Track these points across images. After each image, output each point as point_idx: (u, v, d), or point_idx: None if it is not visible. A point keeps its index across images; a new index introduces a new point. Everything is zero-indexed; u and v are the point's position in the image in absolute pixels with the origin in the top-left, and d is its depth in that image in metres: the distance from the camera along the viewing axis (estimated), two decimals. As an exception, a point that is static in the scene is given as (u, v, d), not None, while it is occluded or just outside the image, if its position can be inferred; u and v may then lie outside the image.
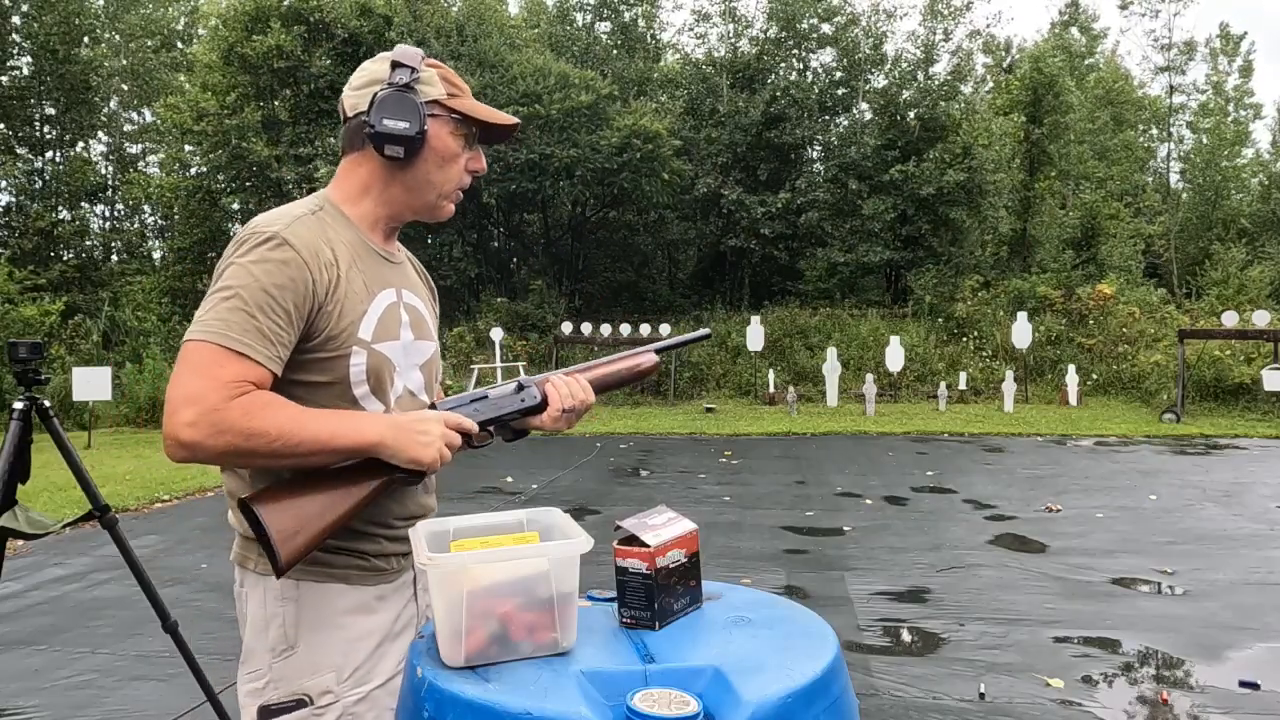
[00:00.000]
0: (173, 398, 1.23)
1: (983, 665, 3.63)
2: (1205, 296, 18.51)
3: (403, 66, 1.45)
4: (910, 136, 19.15)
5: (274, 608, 1.41)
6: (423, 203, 1.50)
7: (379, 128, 1.41)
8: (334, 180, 1.52)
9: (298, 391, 1.36)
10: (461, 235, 19.61)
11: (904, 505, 6.86)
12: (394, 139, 1.41)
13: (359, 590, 1.45)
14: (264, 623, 1.41)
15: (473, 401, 1.57)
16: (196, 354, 1.25)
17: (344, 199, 1.48)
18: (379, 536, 1.48)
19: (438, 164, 1.47)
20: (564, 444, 10.54)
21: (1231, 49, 29.62)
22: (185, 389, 1.23)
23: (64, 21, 18.99)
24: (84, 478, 3.11)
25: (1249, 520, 6.24)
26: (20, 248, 18.31)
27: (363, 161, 1.47)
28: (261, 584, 1.42)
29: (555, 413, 1.62)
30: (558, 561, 1.45)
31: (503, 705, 1.29)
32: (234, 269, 1.30)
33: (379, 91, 1.42)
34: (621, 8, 22.44)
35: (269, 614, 1.41)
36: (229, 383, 1.24)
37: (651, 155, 17.60)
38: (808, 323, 17.40)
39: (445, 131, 1.46)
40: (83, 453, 8.74)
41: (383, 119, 1.41)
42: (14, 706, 3.32)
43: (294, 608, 1.40)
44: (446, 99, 1.47)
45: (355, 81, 1.48)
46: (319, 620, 1.42)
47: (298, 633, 1.41)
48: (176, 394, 1.23)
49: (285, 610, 1.41)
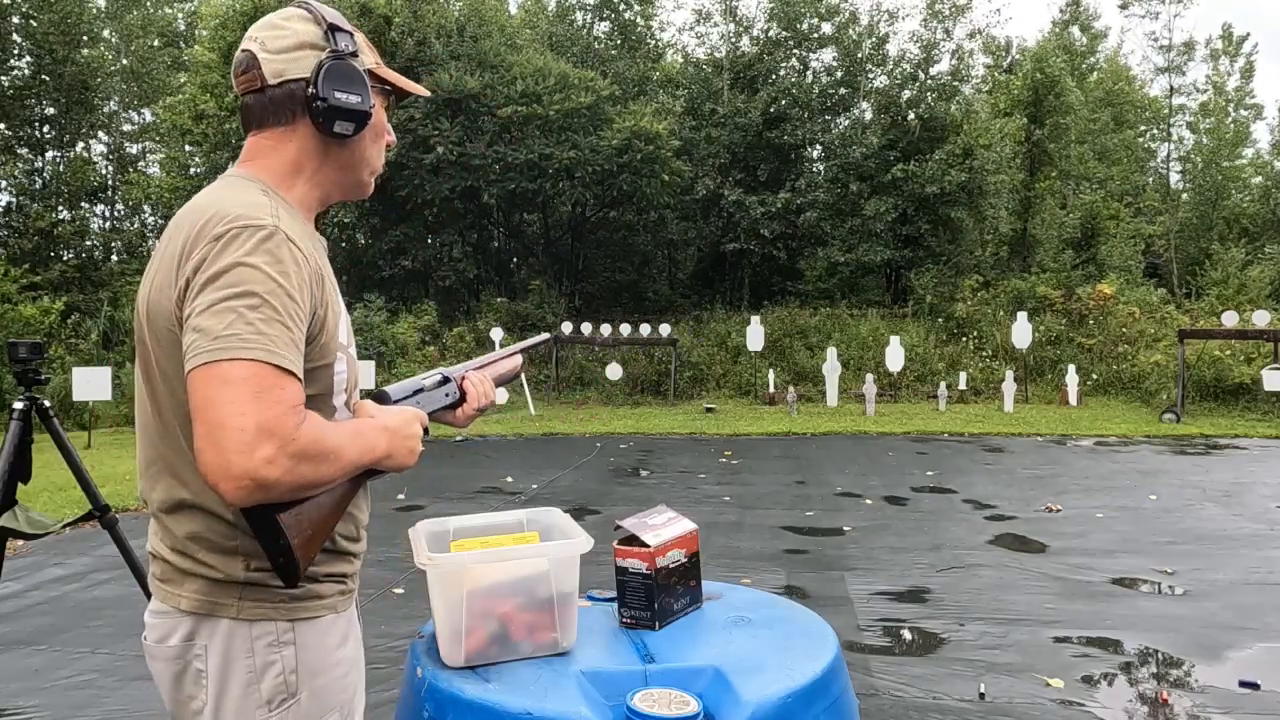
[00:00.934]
0: (243, 428, 1.05)
1: (983, 665, 3.62)
2: (1205, 296, 18.50)
3: (342, 31, 1.31)
4: (911, 137, 19.16)
5: (267, 656, 1.24)
6: (353, 181, 1.37)
7: (331, 101, 1.26)
8: (254, 159, 1.31)
9: None
10: (461, 235, 19.61)
11: (904, 505, 6.86)
12: (346, 114, 1.27)
13: (340, 619, 1.33)
14: (253, 676, 1.24)
15: (415, 393, 1.47)
16: (253, 375, 1.07)
17: (276, 181, 1.29)
18: (351, 555, 1.35)
19: (373, 138, 1.36)
20: (564, 444, 10.54)
21: (1233, 50, 29.62)
22: (257, 418, 1.05)
23: (63, 21, 18.98)
24: (84, 478, 3.11)
25: (1249, 520, 6.24)
26: (20, 248, 18.31)
27: (292, 137, 1.29)
28: (244, 632, 1.23)
29: (470, 411, 1.54)
30: (558, 561, 1.45)
31: (503, 705, 1.29)
32: (246, 271, 1.12)
33: (325, 61, 1.27)
34: (621, 7, 22.44)
35: (261, 664, 1.24)
36: (294, 407, 1.10)
37: (652, 156, 17.60)
38: (808, 323, 17.40)
39: (379, 103, 1.35)
40: (83, 453, 8.73)
41: (334, 91, 1.26)
42: (14, 706, 3.32)
43: (293, 651, 1.25)
44: (376, 67, 1.35)
45: (275, 42, 1.27)
46: (320, 662, 1.28)
47: (298, 678, 1.25)
48: (246, 424, 1.05)
49: (283, 656, 1.24)
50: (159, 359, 1.22)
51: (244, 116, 1.31)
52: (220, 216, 1.16)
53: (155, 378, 1.24)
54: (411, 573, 4.90)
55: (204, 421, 1.07)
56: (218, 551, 1.23)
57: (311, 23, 1.30)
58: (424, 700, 1.40)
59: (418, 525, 1.61)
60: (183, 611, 1.24)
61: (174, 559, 1.25)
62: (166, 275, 1.19)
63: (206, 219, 1.17)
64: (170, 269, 1.18)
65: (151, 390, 1.25)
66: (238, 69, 1.30)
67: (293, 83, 1.27)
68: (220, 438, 1.05)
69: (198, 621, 1.24)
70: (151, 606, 1.31)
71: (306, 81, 1.26)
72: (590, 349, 16.29)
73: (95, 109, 21.74)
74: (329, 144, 1.31)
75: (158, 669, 1.29)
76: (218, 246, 1.14)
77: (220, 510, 1.21)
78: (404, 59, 17.44)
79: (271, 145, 1.30)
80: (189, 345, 1.11)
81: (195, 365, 1.09)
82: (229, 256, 1.13)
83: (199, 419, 1.08)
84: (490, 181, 17.07)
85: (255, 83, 1.27)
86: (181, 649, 1.25)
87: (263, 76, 1.27)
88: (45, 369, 3.35)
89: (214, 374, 1.07)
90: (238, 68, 1.30)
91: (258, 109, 1.29)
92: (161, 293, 1.20)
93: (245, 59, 1.28)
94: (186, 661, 1.25)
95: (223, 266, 1.13)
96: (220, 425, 1.05)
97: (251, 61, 1.28)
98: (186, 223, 1.20)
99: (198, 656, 1.25)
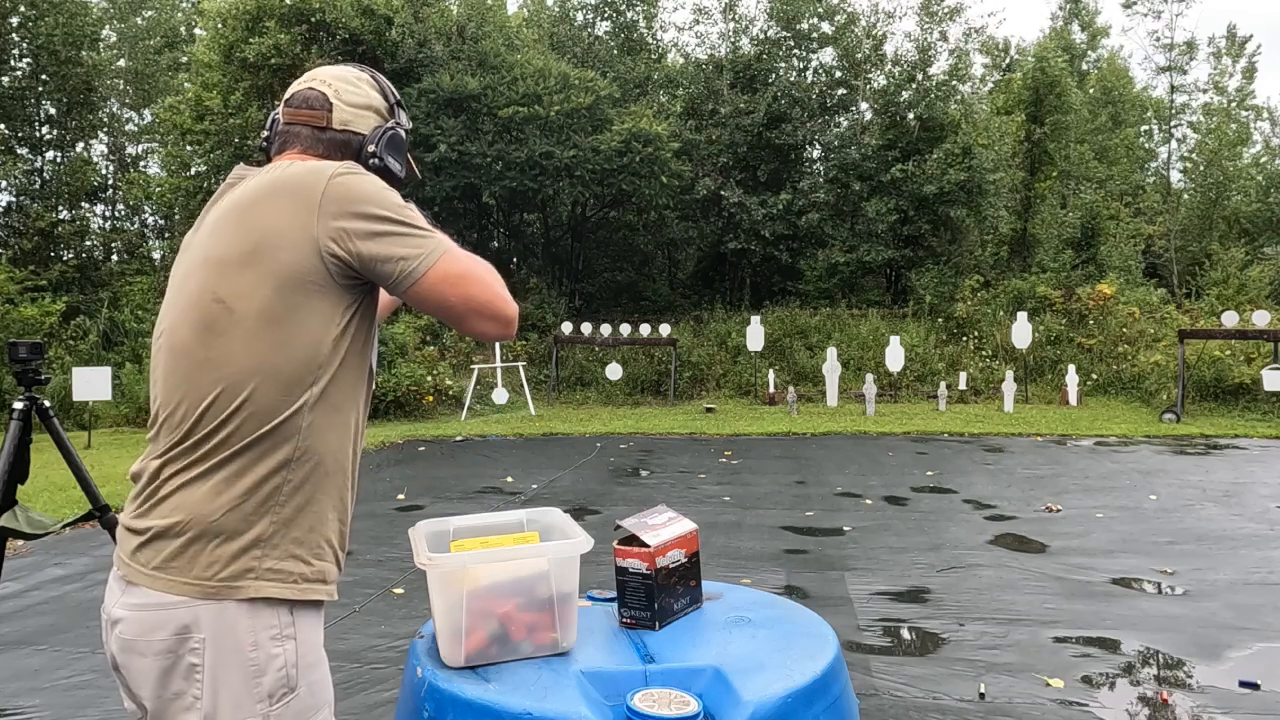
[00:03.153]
0: (495, 291, 1.38)
1: (983, 665, 3.63)
2: (1205, 296, 18.49)
3: (400, 107, 1.55)
4: (910, 137, 19.16)
5: (271, 649, 1.27)
6: None
7: (384, 163, 1.49)
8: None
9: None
10: (461, 235, 19.61)
11: (904, 505, 6.86)
12: (389, 177, 1.48)
13: (322, 615, 1.38)
14: (256, 669, 1.26)
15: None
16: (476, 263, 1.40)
17: None
18: (341, 552, 1.40)
19: None
20: (564, 444, 10.54)
21: (1236, 50, 29.61)
22: (501, 284, 1.40)
23: (67, 24, 18.98)
24: (84, 478, 3.11)
25: (1249, 520, 6.24)
26: (20, 248, 18.31)
27: None
28: (247, 623, 1.25)
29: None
30: (558, 561, 1.45)
31: (503, 705, 1.30)
32: (393, 195, 1.37)
33: (388, 130, 1.50)
34: (622, 7, 22.43)
35: (264, 657, 1.26)
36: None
37: (652, 157, 17.60)
38: (808, 323, 17.40)
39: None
40: (83, 453, 8.71)
41: (388, 156, 1.49)
42: (14, 706, 3.32)
43: (293, 645, 1.29)
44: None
45: (350, 96, 1.49)
46: (314, 655, 1.34)
47: (298, 672, 1.30)
48: (497, 291, 1.39)
49: (286, 650, 1.28)
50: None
51: (284, 137, 1.48)
52: (340, 168, 1.37)
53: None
54: (411, 573, 4.90)
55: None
56: (256, 501, 1.27)
57: (378, 92, 1.53)
58: (424, 700, 1.40)
59: (418, 525, 1.61)
60: (187, 599, 1.24)
61: (188, 525, 1.26)
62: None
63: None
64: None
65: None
66: (303, 103, 1.47)
67: (352, 134, 1.48)
68: (495, 299, 1.40)
69: (195, 612, 1.24)
70: (129, 599, 1.30)
71: (364, 138, 1.48)
72: (590, 349, 16.29)
73: (96, 110, 21.75)
74: None
75: (140, 665, 1.27)
76: (354, 188, 1.35)
77: (240, 498, 1.27)
78: (404, 59, 17.44)
79: None
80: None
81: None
82: (376, 198, 1.37)
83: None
84: (491, 180, 17.06)
85: (321, 121, 1.46)
86: (174, 643, 1.25)
87: (330, 118, 1.46)
88: (45, 369, 3.35)
89: (455, 266, 1.40)
90: (304, 102, 1.47)
91: (309, 140, 1.46)
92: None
93: (317, 98, 1.47)
94: (179, 656, 1.25)
95: (380, 205, 1.37)
96: (486, 295, 1.40)
97: (324, 102, 1.47)
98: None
99: (193, 650, 1.24)
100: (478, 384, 14.25)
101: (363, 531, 5.95)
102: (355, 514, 7.32)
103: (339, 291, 1.33)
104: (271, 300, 1.28)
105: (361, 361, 1.40)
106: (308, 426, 1.31)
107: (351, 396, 1.38)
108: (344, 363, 1.35)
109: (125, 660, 1.30)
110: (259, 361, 1.28)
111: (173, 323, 1.35)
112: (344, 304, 1.34)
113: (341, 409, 1.36)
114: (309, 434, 1.31)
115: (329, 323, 1.32)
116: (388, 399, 12.93)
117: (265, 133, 1.52)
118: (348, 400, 1.37)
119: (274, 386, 1.29)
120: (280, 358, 1.29)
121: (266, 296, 1.28)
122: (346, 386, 1.37)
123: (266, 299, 1.28)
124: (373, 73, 1.54)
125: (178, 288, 1.38)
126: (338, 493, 1.37)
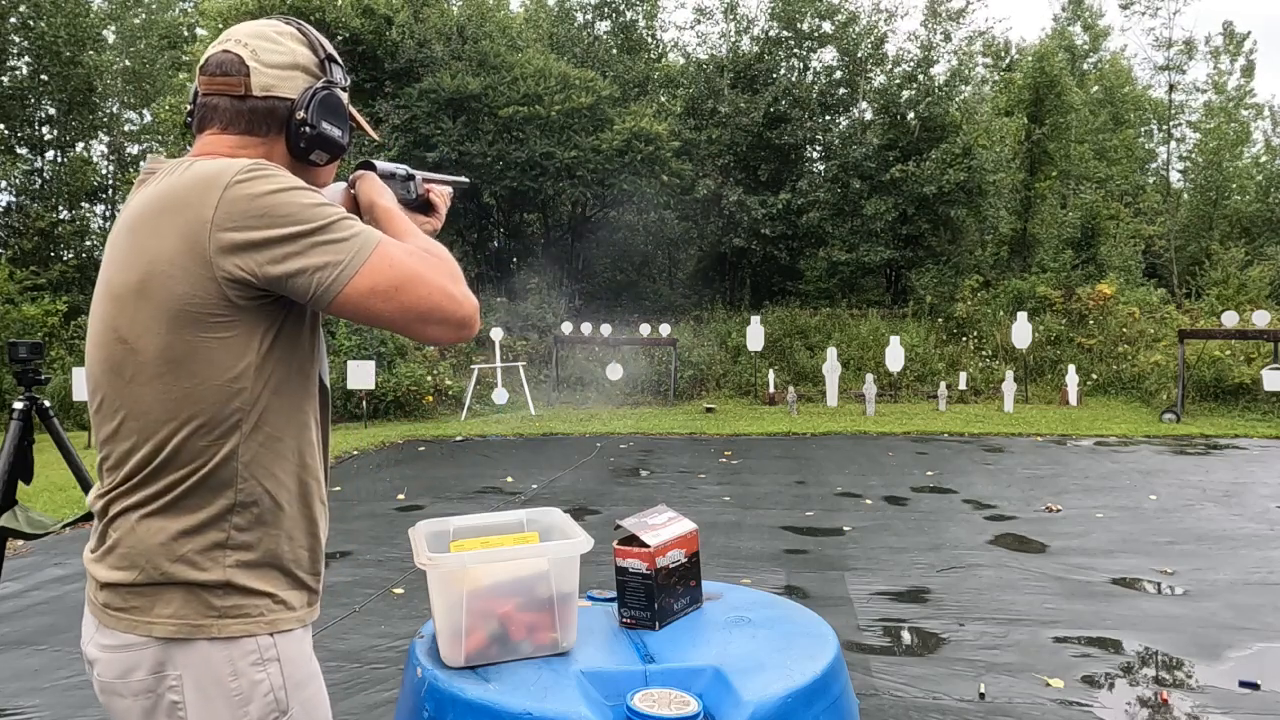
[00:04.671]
0: (441, 290, 1.19)
1: (983, 665, 3.63)
2: (1205, 296, 18.49)
3: (337, 64, 1.33)
4: (911, 136, 19.16)
5: (254, 675, 1.20)
6: None
7: (319, 129, 1.28)
8: (212, 155, 1.26)
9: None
10: (462, 235, 19.61)
11: (904, 505, 6.86)
12: (327, 144, 1.29)
13: (309, 632, 1.31)
14: (240, 699, 1.20)
15: (390, 176, 1.50)
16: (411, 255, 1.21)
17: None
18: (307, 573, 1.31)
19: (331, 169, 1.37)
20: (564, 444, 10.54)
21: (1234, 48, 29.61)
22: (452, 277, 1.21)
23: (70, 24, 18.99)
24: (84, 478, 3.11)
25: (1249, 520, 6.24)
26: (20, 248, 18.31)
27: (266, 149, 1.28)
28: (223, 654, 1.19)
29: (442, 216, 1.57)
30: (558, 561, 1.45)
31: (503, 705, 1.30)
32: (301, 195, 1.17)
33: (320, 91, 1.28)
34: (622, 7, 22.43)
35: (247, 685, 1.20)
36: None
37: (652, 157, 17.60)
38: (808, 323, 17.40)
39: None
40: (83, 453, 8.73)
41: (322, 122, 1.28)
42: (14, 706, 3.32)
43: (278, 667, 1.22)
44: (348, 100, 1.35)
45: (270, 55, 1.26)
46: (304, 672, 1.27)
47: (288, 694, 1.23)
48: (445, 290, 1.19)
49: (270, 674, 1.22)
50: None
51: (203, 114, 1.28)
52: (241, 163, 1.19)
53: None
54: (411, 573, 4.90)
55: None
56: (203, 545, 1.19)
57: (306, 46, 1.30)
58: (424, 700, 1.40)
59: (418, 525, 1.61)
60: (154, 639, 1.18)
61: (139, 575, 1.18)
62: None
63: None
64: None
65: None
66: (216, 68, 1.26)
67: (278, 100, 1.26)
68: (446, 299, 1.21)
69: (167, 649, 1.18)
70: (101, 640, 1.23)
71: (293, 103, 1.27)
72: (590, 349, 16.28)
73: (96, 109, 21.76)
74: (296, 167, 1.30)
75: (122, 706, 1.21)
76: (256, 181, 1.17)
77: (193, 535, 1.19)
78: (404, 59, 17.44)
79: (234, 149, 1.26)
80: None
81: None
82: (278, 190, 1.18)
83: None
84: (491, 179, 17.07)
85: (238, 89, 1.25)
86: (151, 682, 1.19)
87: (248, 85, 1.25)
88: (45, 369, 3.35)
89: (387, 256, 1.20)
90: (217, 67, 1.26)
91: (229, 113, 1.26)
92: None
93: (231, 62, 1.25)
94: (159, 695, 1.19)
95: (284, 204, 1.18)
96: (435, 293, 1.21)
97: (240, 67, 1.25)
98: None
99: (171, 688, 1.19)
100: (478, 384, 14.25)
101: (363, 531, 5.95)
102: (355, 514, 7.24)
103: (250, 317, 1.17)
104: (169, 339, 1.15)
105: (301, 380, 1.27)
106: (245, 468, 1.20)
107: (296, 418, 1.26)
108: (277, 390, 1.22)
109: (107, 701, 1.25)
110: (174, 410, 1.17)
111: (90, 360, 1.24)
112: (259, 329, 1.19)
113: (284, 438, 1.24)
114: (248, 476, 1.20)
115: (243, 353, 1.18)
116: (388, 399, 12.94)
117: (189, 106, 1.31)
118: (291, 425, 1.25)
119: (194, 434, 1.17)
120: (196, 403, 1.16)
121: (163, 335, 1.15)
122: (285, 414, 1.24)
123: (164, 338, 1.15)
124: (299, 24, 1.32)
125: (90, 320, 1.25)
126: (297, 524, 1.27)
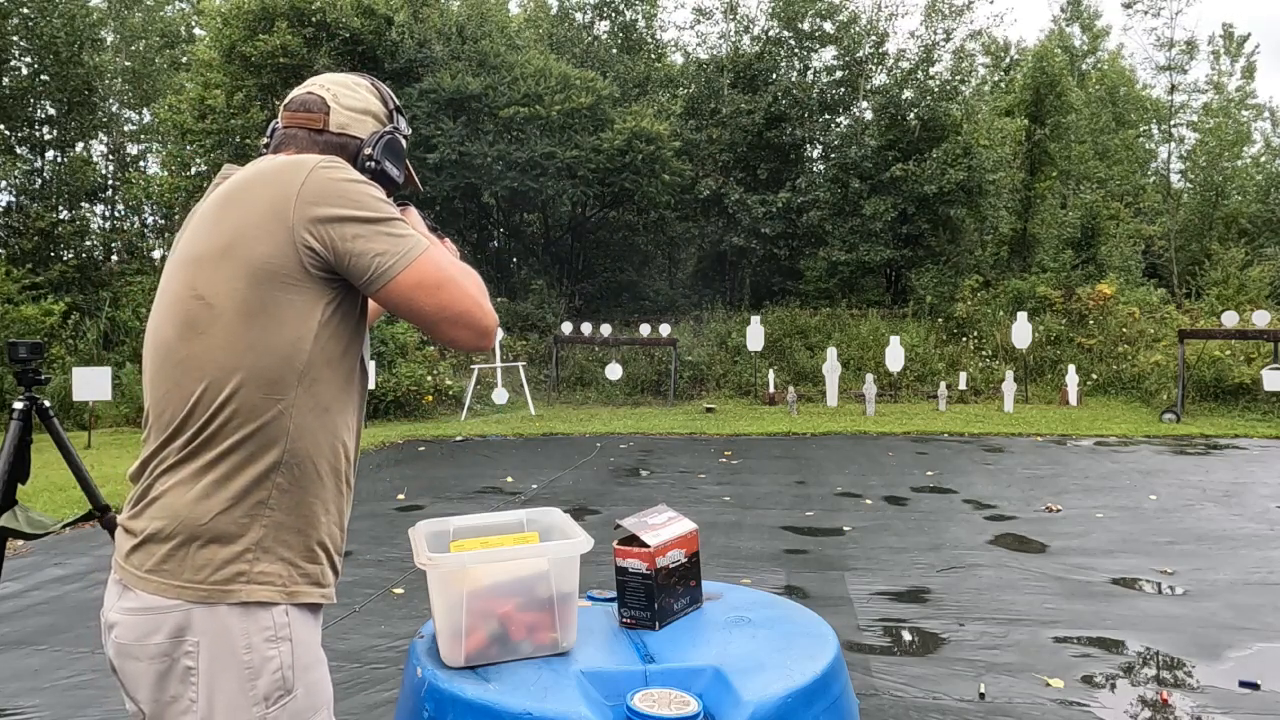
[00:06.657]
0: (474, 299, 1.35)
1: (983, 665, 3.62)
2: (1205, 296, 18.49)
3: (399, 114, 1.55)
4: (911, 136, 19.15)
5: (265, 651, 1.26)
6: None
7: (382, 166, 1.48)
8: None
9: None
10: (462, 235, 19.62)
11: (904, 505, 6.86)
12: (386, 182, 1.48)
13: (319, 618, 1.37)
14: (250, 671, 1.25)
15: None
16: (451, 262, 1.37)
17: None
18: (334, 551, 1.39)
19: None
20: (564, 444, 10.53)
21: (1235, 49, 29.60)
22: (481, 291, 1.38)
23: (68, 24, 18.98)
24: (84, 478, 3.11)
25: (1249, 520, 6.24)
26: (20, 248, 18.30)
27: None
28: (241, 625, 1.25)
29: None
30: (558, 561, 1.45)
31: (503, 705, 1.30)
32: (373, 189, 1.34)
33: (386, 134, 1.49)
34: (622, 6, 22.43)
35: (258, 659, 1.26)
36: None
37: (653, 156, 17.60)
38: (808, 322, 17.40)
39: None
40: (83, 453, 8.70)
41: (386, 161, 1.49)
42: (14, 706, 3.32)
43: (289, 647, 1.28)
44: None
45: (348, 99, 1.49)
46: (311, 656, 1.33)
47: (294, 674, 1.29)
48: (476, 299, 1.35)
49: (281, 651, 1.27)
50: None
51: (281, 139, 1.47)
52: (312, 158, 1.35)
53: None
54: (411, 573, 4.90)
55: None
56: (246, 503, 1.27)
57: (377, 98, 1.53)
58: (424, 700, 1.40)
59: (418, 525, 1.61)
60: (180, 601, 1.24)
61: (178, 526, 1.26)
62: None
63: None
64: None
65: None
66: (301, 106, 1.47)
67: (349, 137, 1.47)
68: (474, 306, 1.36)
69: (189, 614, 1.24)
70: (124, 604, 1.29)
71: (361, 142, 1.48)
72: (590, 349, 16.29)
73: (96, 109, 21.74)
74: None
75: (136, 669, 1.27)
76: (324, 173, 1.33)
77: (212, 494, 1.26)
78: (404, 59, 17.43)
79: None
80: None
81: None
82: (346, 180, 1.34)
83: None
84: (491, 180, 17.06)
85: (318, 123, 1.46)
86: (169, 646, 1.25)
87: (327, 121, 1.46)
88: (45, 369, 3.35)
89: (425, 266, 1.35)
90: (302, 105, 1.47)
91: (305, 142, 1.45)
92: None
93: (314, 101, 1.47)
94: (174, 659, 1.25)
95: (350, 193, 1.34)
96: (464, 301, 1.36)
97: (322, 105, 1.47)
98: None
99: (188, 653, 1.24)
100: (478, 384, 14.25)
101: (363, 531, 5.95)
102: (355, 514, 7.25)
103: (316, 286, 1.30)
104: (246, 294, 1.27)
105: (350, 360, 1.38)
106: (295, 428, 1.30)
107: (341, 397, 1.36)
108: (329, 361, 1.33)
109: (122, 664, 1.30)
110: (240, 359, 1.27)
111: (158, 322, 1.35)
112: (323, 299, 1.31)
113: (331, 410, 1.34)
114: (297, 436, 1.30)
115: (308, 318, 1.30)
116: (388, 399, 12.93)
117: (266, 139, 1.51)
118: (337, 401, 1.35)
119: (257, 386, 1.27)
120: (261, 355, 1.27)
121: (241, 290, 1.27)
122: (334, 387, 1.35)
123: (242, 293, 1.27)
124: (373, 79, 1.55)
125: (163, 287, 1.38)
126: (331, 495, 1.36)
